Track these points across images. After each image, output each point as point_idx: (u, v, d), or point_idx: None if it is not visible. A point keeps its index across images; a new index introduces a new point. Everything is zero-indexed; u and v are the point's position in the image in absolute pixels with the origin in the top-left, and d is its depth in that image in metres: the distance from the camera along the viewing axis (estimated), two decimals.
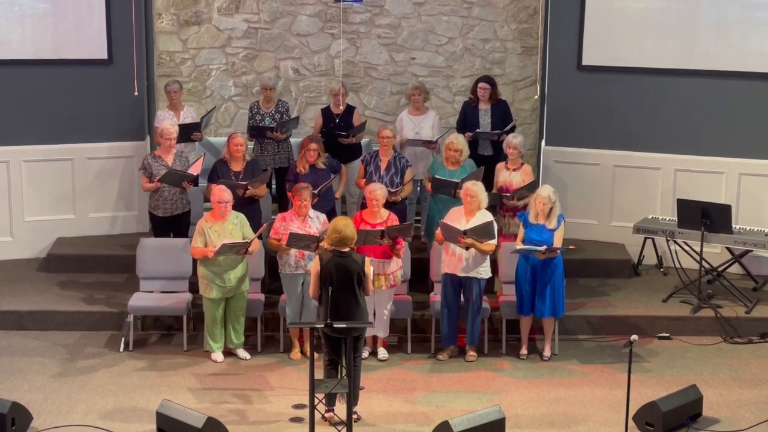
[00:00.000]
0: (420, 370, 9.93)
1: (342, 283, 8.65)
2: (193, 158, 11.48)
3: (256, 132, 11.61)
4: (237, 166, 10.75)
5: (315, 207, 10.07)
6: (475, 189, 9.89)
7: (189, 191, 10.89)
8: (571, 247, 10.31)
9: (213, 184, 10.39)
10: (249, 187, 10.57)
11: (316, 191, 10.36)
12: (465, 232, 9.73)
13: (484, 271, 9.97)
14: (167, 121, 11.22)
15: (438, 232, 9.97)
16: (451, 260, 9.92)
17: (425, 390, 9.53)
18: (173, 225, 10.85)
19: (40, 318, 10.65)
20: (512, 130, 11.57)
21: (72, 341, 10.42)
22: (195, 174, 10.74)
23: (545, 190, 10.01)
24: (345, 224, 8.78)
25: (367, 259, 8.94)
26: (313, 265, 8.88)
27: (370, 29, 13.18)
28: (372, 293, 9.14)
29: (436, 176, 10.72)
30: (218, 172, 10.71)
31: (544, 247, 9.84)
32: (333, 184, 10.85)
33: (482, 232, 9.75)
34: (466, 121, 11.74)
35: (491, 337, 10.40)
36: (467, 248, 9.81)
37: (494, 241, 9.87)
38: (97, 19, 11.84)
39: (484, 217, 9.87)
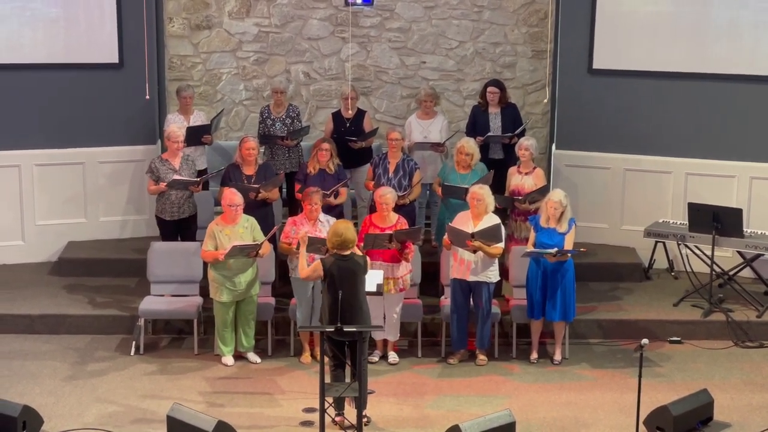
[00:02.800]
0: (430, 374, 9.93)
1: (345, 286, 8.65)
2: (202, 162, 11.51)
3: (266, 140, 11.63)
4: (249, 170, 10.77)
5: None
6: (482, 192, 9.89)
7: (196, 195, 10.91)
8: (581, 249, 10.28)
9: (225, 187, 10.42)
10: (261, 190, 10.59)
11: (328, 192, 10.39)
12: (473, 235, 9.73)
13: (493, 275, 9.96)
14: (174, 124, 11.26)
15: (446, 237, 9.97)
16: (460, 265, 9.91)
17: (435, 394, 9.52)
18: (180, 228, 10.87)
19: (52, 321, 10.67)
20: (523, 133, 11.57)
21: (83, 345, 10.44)
22: (198, 180, 10.78)
23: (556, 195, 10.01)
24: (345, 227, 8.80)
25: (368, 259, 8.97)
26: (314, 267, 8.90)
27: (381, 33, 13.18)
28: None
29: (446, 183, 10.72)
30: (230, 175, 10.73)
31: (555, 249, 9.83)
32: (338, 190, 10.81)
33: (489, 235, 9.74)
34: (476, 125, 11.73)
35: (502, 341, 10.39)
36: (475, 251, 9.80)
37: (502, 245, 9.86)
38: (108, 24, 11.88)
39: (492, 220, 9.87)
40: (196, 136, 11.43)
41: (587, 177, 12.15)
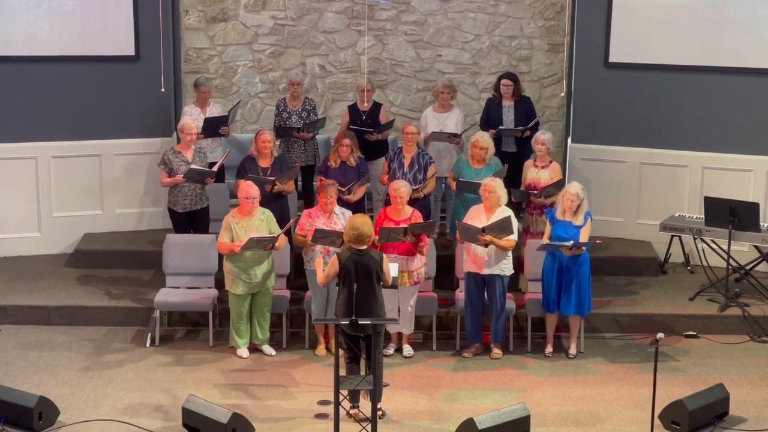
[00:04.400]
0: (445, 367, 9.93)
1: (360, 280, 8.65)
2: (217, 154, 11.53)
3: (282, 132, 11.64)
4: (265, 162, 10.78)
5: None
6: (494, 185, 9.87)
7: (209, 187, 10.93)
8: (597, 241, 10.25)
9: (241, 179, 10.43)
10: (277, 183, 10.60)
11: (344, 189, 10.40)
12: (483, 230, 9.72)
13: (507, 268, 9.95)
14: (188, 117, 11.28)
15: (458, 233, 9.97)
16: (474, 259, 9.90)
17: (450, 387, 9.52)
18: (192, 220, 10.89)
19: (68, 313, 10.71)
20: (536, 126, 11.55)
21: (99, 336, 10.48)
22: (215, 171, 10.79)
23: (573, 187, 9.98)
24: (362, 222, 8.79)
25: (385, 256, 8.95)
26: (330, 263, 8.88)
27: (397, 26, 13.17)
28: (390, 284, 9.10)
29: (461, 179, 10.71)
30: (246, 168, 10.74)
31: (571, 242, 9.80)
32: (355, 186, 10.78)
33: (500, 228, 9.72)
34: (490, 118, 11.72)
35: (517, 334, 10.39)
36: (486, 246, 9.79)
37: (514, 237, 9.84)
38: (124, 16, 11.90)
39: (504, 213, 9.85)
40: (213, 127, 11.45)
41: (603, 171, 12.13)
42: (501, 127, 11.56)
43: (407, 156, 10.93)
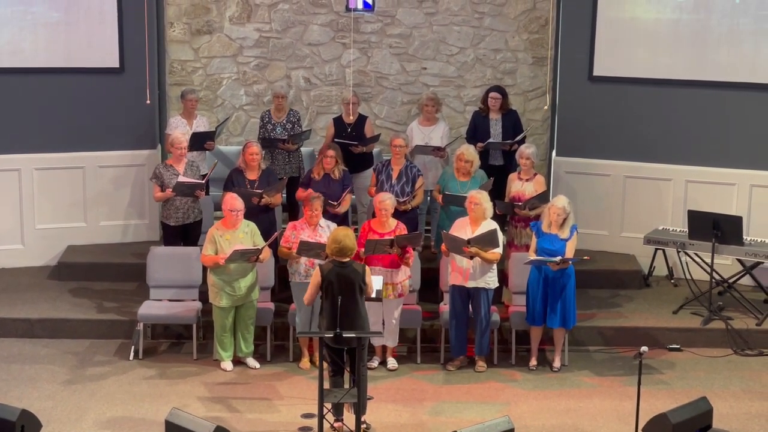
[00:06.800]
0: (429, 381, 9.92)
1: (343, 292, 8.65)
2: (204, 167, 11.51)
3: (268, 144, 11.64)
4: (252, 175, 10.78)
5: None
6: (479, 197, 9.89)
7: (201, 200, 10.92)
8: (585, 257, 10.27)
9: (227, 192, 10.42)
10: (264, 195, 10.60)
11: (335, 203, 10.39)
12: (469, 242, 9.73)
13: (492, 281, 9.96)
14: (178, 130, 11.27)
15: (443, 245, 9.97)
16: (458, 273, 9.91)
17: (434, 400, 9.51)
18: (184, 234, 10.87)
19: (51, 326, 10.67)
20: (523, 140, 11.57)
21: (82, 349, 10.44)
22: (204, 182, 10.78)
23: (560, 201, 10.00)
24: (345, 234, 8.79)
25: (368, 268, 8.95)
26: (313, 276, 8.88)
27: (382, 39, 13.19)
28: (373, 293, 9.09)
29: (447, 192, 10.72)
30: (233, 180, 10.73)
31: (559, 258, 9.81)
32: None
33: (486, 240, 9.73)
34: (477, 131, 11.74)
35: (501, 347, 10.39)
36: (472, 258, 9.80)
37: (499, 250, 9.85)
38: (109, 28, 11.89)
39: (490, 226, 9.86)
40: (199, 141, 11.44)
41: (587, 184, 12.16)
42: (490, 140, 11.57)
43: (395, 168, 10.93)
